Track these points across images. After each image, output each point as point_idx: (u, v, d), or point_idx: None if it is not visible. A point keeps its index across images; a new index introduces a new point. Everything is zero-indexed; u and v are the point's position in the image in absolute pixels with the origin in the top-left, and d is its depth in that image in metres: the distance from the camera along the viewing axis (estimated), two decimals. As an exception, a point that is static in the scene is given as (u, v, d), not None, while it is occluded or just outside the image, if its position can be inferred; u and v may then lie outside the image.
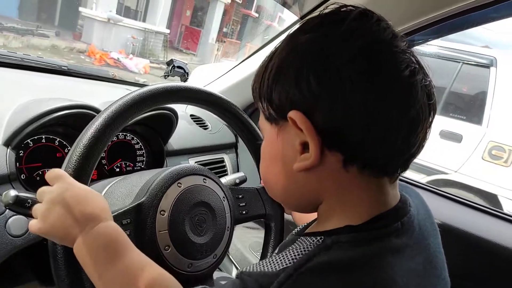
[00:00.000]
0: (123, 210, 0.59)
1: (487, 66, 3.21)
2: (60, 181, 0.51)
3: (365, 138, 0.38)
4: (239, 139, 1.31)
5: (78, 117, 0.80)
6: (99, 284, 0.47)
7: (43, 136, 0.83)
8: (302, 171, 0.42)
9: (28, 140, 0.80)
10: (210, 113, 0.80)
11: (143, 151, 1.04)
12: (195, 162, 1.14)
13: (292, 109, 0.40)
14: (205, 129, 1.26)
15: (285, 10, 1.07)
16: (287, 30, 1.14)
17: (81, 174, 0.54)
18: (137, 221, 0.60)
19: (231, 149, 1.33)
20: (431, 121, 0.42)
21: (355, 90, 0.37)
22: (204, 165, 1.16)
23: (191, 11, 14.20)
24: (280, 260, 0.38)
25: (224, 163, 1.26)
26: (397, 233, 0.40)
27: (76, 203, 0.49)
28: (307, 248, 0.39)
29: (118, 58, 8.23)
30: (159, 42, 11.26)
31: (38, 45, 7.62)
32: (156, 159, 1.05)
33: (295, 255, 0.38)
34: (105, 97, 0.97)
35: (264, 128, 0.47)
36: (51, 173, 0.52)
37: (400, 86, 0.38)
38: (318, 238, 0.40)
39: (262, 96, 0.44)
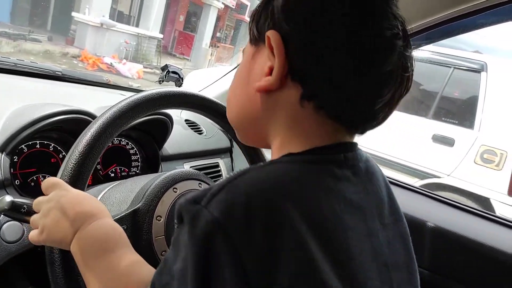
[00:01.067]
0: (119, 216, 0.59)
1: (477, 71, 3.26)
2: (56, 189, 0.51)
3: (331, 77, 0.39)
4: (234, 143, 1.31)
5: (73, 122, 0.80)
6: (88, 278, 0.46)
7: (38, 142, 0.82)
8: (261, 91, 0.42)
9: (23, 146, 0.79)
10: (204, 118, 0.80)
11: (138, 156, 1.04)
12: (190, 167, 1.14)
13: (272, 29, 0.41)
14: (199, 133, 1.26)
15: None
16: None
17: (77, 181, 0.54)
18: (133, 227, 0.60)
19: (226, 153, 1.33)
20: (400, 96, 0.42)
21: (337, 31, 0.38)
22: (199, 169, 1.16)
23: (184, 16, 14.23)
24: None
25: (219, 168, 1.26)
26: (339, 164, 0.40)
27: (72, 207, 0.49)
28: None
29: (111, 63, 8.20)
30: (153, 47, 11.24)
31: (30, 50, 7.57)
32: (151, 164, 1.05)
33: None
34: (99, 102, 0.97)
35: (245, 51, 0.48)
36: (47, 182, 0.52)
37: (380, 41, 0.39)
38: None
39: (252, 16, 0.46)
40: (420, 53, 3.54)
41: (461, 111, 3.45)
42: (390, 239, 0.44)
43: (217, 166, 1.26)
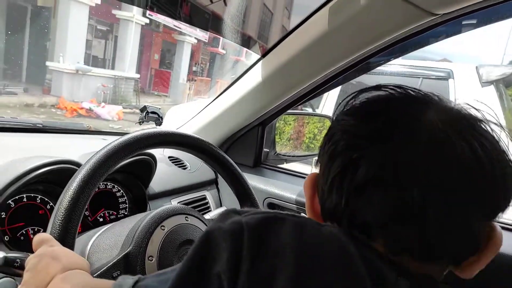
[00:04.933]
0: (112, 263, 0.61)
1: (445, 79, 3.41)
2: (43, 245, 0.53)
3: None
4: (219, 175, 1.34)
5: (58, 172, 0.82)
6: None
7: (24, 195, 0.83)
8: None
9: (10, 201, 0.80)
10: (187, 153, 0.83)
11: (125, 198, 1.05)
12: (178, 203, 1.15)
13: None
14: (184, 169, 1.28)
15: (251, 46, 1.14)
16: (254, 65, 1.20)
17: (65, 236, 0.56)
18: (127, 271, 0.61)
19: (212, 185, 1.35)
20: None
21: None
22: (187, 204, 1.18)
23: (159, 54, 14.44)
24: None
25: (207, 200, 1.28)
26: None
27: (50, 262, 0.50)
28: None
29: (90, 108, 8.22)
30: (130, 87, 11.33)
31: (6, 103, 7.53)
32: (139, 204, 1.06)
33: None
34: (83, 150, 0.99)
35: None
36: (36, 239, 0.54)
37: None
38: None
39: None
40: (390, 67, 3.69)
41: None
42: None
43: (205, 198, 1.28)
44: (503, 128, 0.39)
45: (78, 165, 0.83)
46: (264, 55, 1.09)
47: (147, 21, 12.09)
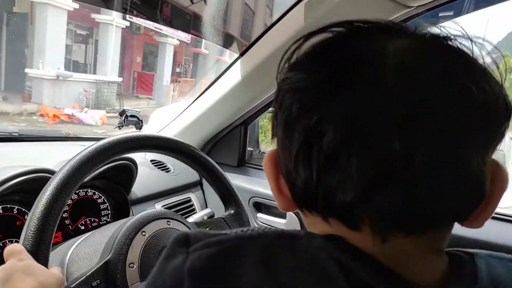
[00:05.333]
0: (91, 272, 0.59)
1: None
2: (13, 257, 0.51)
3: None
4: (203, 176, 1.32)
5: (33, 182, 0.80)
6: None
7: (0, 207, 0.81)
8: None
9: (-16, 214, 0.78)
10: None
11: (107, 204, 1.03)
12: (162, 206, 1.14)
13: None
14: (167, 172, 1.26)
15: (234, 43, 1.14)
16: (233, 64, 1.18)
17: (39, 247, 0.54)
18: (107, 279, 0.60)
19: (197, 187, 1.34)
20: None
21: None
22: (172, 207, 1.16)
23: (141, 57, 14.28)
24: None
25: (192, 202, 1.26)
26: None
27: (18, 278, 0.48)
28: None
29: (72, 113, 8.08)
30: (113, 91, 11.18)
31: (-15, 113, 7.36)
32: (121, 210, 1.04)
33: None
34: (60, 157, 0.96)
35: None
36: (7, 250, 0.52)
37: None
38: None
39: None
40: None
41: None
42: None
43: (189, 200, 1.26)
44: (474, 42, 0.32)
45: (53, 173, 0.81)
46: (242, 53, 1.08)
47: (128, 24, 11.93)
